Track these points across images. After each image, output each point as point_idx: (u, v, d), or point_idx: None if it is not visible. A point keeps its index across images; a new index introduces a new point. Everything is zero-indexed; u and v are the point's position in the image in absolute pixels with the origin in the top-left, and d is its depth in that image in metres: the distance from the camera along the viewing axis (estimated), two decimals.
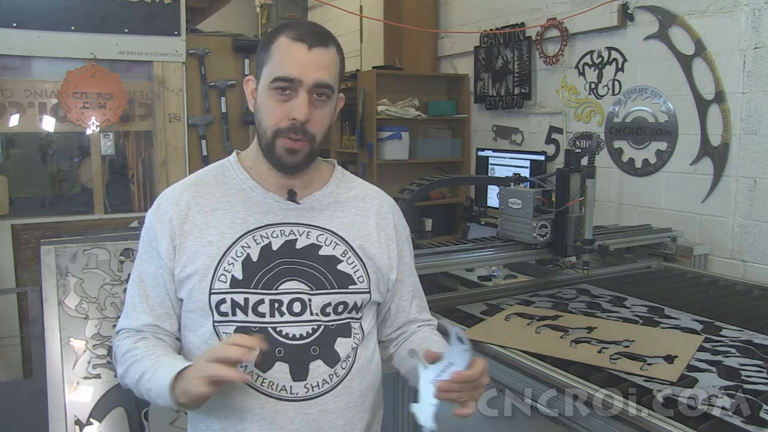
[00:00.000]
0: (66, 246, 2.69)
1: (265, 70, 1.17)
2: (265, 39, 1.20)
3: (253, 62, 3.19)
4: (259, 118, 1.19)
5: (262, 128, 1.18)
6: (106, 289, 2.68)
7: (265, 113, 1.17)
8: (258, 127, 1.21)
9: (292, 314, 1.18)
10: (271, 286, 1.18)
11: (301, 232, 1.22)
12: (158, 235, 1.21)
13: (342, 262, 1.23)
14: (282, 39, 1.16)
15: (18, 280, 2.75)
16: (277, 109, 1.15)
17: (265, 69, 1.17)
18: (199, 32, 3.43)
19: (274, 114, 1.16)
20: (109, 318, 2.64)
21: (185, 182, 1.28)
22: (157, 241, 1.21)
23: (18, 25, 2.75)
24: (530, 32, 3.78)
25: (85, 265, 2.68)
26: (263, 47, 1.19)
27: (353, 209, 1.29)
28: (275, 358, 1.16)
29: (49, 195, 3.26)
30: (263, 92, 1.17)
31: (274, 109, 1.16)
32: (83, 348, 2.57)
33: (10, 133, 2.98)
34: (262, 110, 1.18)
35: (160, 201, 1.25)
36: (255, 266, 1.18)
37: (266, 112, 1.17)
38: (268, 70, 1.16)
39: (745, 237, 2.70)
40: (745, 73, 2.67)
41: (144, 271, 1.23)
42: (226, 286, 1.17)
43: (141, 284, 1.23)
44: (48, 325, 2.57)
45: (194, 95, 3.10)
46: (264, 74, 1.17)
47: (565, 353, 1.57)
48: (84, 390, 2.52)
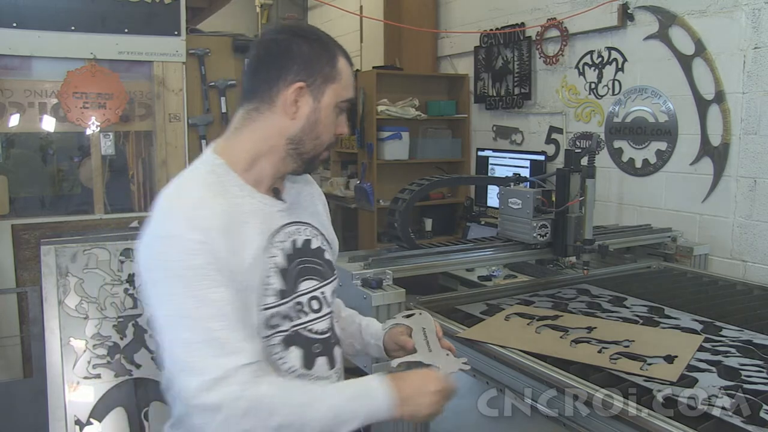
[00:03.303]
0: (66, 246, 2.69)
1: (331, 88, 1.19)
2: (324, 52, 1.19)
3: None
4: (317, 131, 1.20)
5: (319, 140, 1.21)
6: (106, 289, 2.68)
7: (326, 128, 1.21)
8: (308, 137, 1.19)
9: (313, 312, 1.24)
10: (294, 288, 1.20)
11: (297, 230, 1.25)
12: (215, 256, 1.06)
13: (325, 251, 1.31)
14: (343, 60, 1.21)
15: (18, 280, 2.75)
16: (333, 126, 1.22)
17: (331, 86, 1.19)
18: (199, 32, 3.44)
19: (332, 130, 1.22)
20: (109, 318, 2.64)
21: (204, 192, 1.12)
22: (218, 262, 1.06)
23: (18, 25, 2.75)
24: (530, 32, 3.78)
25: (85, 265, 2.68)
26: (327, 60, 1.18)
27: (308, 197, 1.34)
28: (315, 355, 1.23)
29: (49, 195, 3.26)
30: (329, 108, 1.19)
31: (333, 125, 1.22)
32: (83, 348, 2.57)
33: (10, 133, 2.98)
34: (323, 125, 1.20)
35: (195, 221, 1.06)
36: (287, 273, 1.19)
37: (328, 127, 1.21)
38: (338, 89, 1.19)
39: (745, 237, 2.70)
40: (745, 73, 2.67)
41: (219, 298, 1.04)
42: (273, 300, 1.16)
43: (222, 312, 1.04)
44: (48, 325, 2.57)
45: (194, 95, 3.10)
46: (331, 92, 1.19)
47: (565, 353, 1.57)
48: (84, 390, 2.52)
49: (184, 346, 1.02)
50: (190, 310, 1.02)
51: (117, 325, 2.65)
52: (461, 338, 1.71)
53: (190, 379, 1.00)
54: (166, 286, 1.04)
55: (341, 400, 1.07)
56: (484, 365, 1.68)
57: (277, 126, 1.18)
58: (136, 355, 2.64)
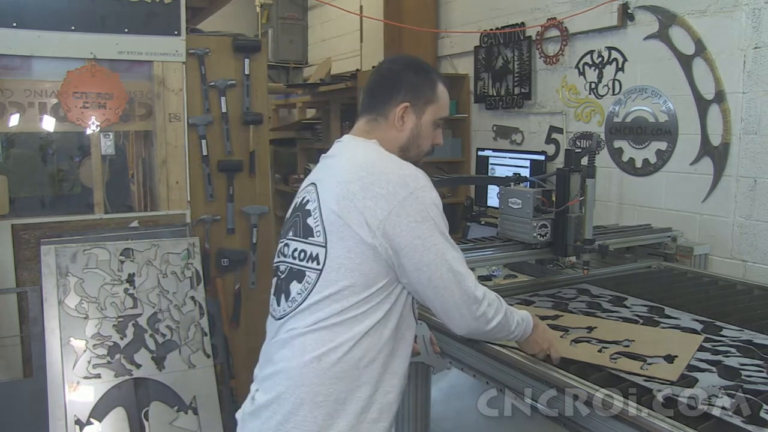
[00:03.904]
0: (66, 246, 2.69)
1: (432, 108, 1.52)
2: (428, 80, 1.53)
3: (255, 62, 3.18)
4: (419, 142, 1.53)
5: (420, 150, 1.54)
6: (106, 289, 2.68)
7: (426, 140, 1.54)
8: (412, 147, 1.52)
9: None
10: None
11: None
12: None
13: None
14: (441, 86, 1.54)
15: (18, 280, 2.75)
16: (432, 137, 1.55)
17: (432, 106, 1.52)
18: (199, 32, 3.43)
19: (430, 140, 1.55)
20: (109, 318, 2.64)
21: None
22: None
23: (18, 25, 2.75)
24: (530, 32, 3.78)
25: (85, 265, 2.68)
26: (429, 86, 1.52)
27: None
28: None
29: (49, 195, 3.26)
30: (429, 125, 1.53)
31: (430, 137, 1.55)
32: (83, 348, 2.57)
33: (10, 133, 2.98)
34: (423, 137, 1.53)
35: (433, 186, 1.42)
36: None
37: (427, 140, 1.55)
38: (437, 108, 1.53)
39: (745, 237, 2.70)
40: (745, 73, 2.67)
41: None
42: None
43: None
44: (48, 325, 2.57)
45: (194, 95, 3.10)
46: (431, 110, 1.52)
47: (565, 352, 1.57)
48: (84, 390, 2.52)
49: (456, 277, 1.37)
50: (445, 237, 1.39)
51: (117, 325, 2.65)
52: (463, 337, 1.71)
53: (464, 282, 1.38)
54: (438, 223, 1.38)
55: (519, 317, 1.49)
56: (484, 365, 1.69)
57: (391, 135, 1.51)
58: (136, 355, 2.64)
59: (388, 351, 1.38)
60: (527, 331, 1.50)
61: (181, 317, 2.76)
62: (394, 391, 1.40)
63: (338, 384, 1.33)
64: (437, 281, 1.35)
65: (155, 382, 2.64)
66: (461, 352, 1.78)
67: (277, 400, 1.35)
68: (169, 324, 2.73)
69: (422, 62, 1.60)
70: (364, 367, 1.34)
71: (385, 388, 1.38)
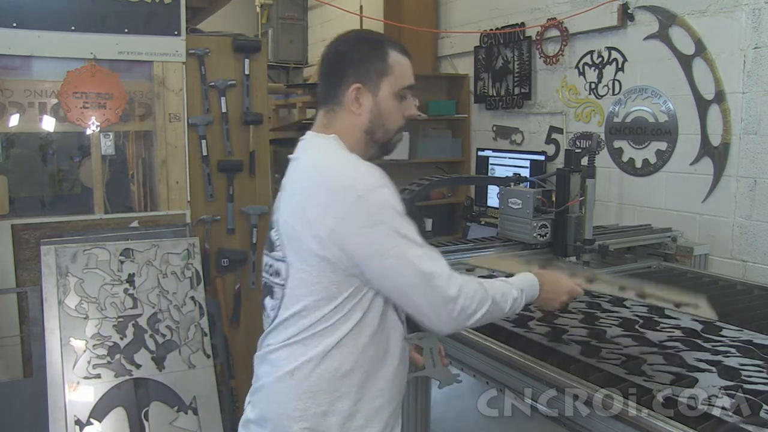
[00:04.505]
0: (66, 246, 2.69)
1: (387, 80, 1.39)
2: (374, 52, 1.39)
3: (255, 62, 3.17)
4: (383, 120, 1.40)
5: (387, 128, 1.41)
6: (106, 289, 2.68)
7: (390, 115, 1.41)
8: (377, 127, 1.40)
9: None
10: None
11: None
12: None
13: None
14: (395, 54, 1.40)
15: (18, 280, 2.75)
16: (398, 111, 1.42)
17: (387, 78, 1.39)
18: (199, 32, 3.43)
19: (397, 115, 1.42)
20: (109, 318, 2.64)
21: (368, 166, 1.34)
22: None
23: (18, 25, 2.75)
24: (530, 32, 3.78)
25: (85, 265, 2.68)
26: (378, 58, 1.38)
27: None
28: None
29: (49, 195, 3.26)
30: (389, 98, 1.40)
31: (396, 111, 1.42)
32: (83, 348, 2.57)
33: (10, 133, 2.98)
34: (387, 114, 1.41)
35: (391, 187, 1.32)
36: None
37: (391, 114, 1.41)
38: (394, 79, 1.39)
39: (745, 237, 2.70)
40: (745, 73, 2.67)
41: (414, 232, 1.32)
42: None
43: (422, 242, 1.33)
44: (48, 325, 2.57)
45: (194, 95, 3.10)
46: (387, 83, 1.39)
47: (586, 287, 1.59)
48: (84, 390, 2.52)
49: (415, 261, 1.26)
50: (408, 234, 1.29)
51: (117, 325, 2.65)
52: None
53: (432, 282, 1.27)
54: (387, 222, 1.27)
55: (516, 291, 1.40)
56: (484, 365, 1.69)
57: (351, 122, 1.40)
58: (136, 355, 2.64)
59: (370, 357, 1.32)
60: (533, 296, 1.44)
61: (181, 317, 2.76)
62: (382, 396, 1.34)
63: (316, 398, 1.29)
64: (403, 286, 1.27)
65: (155, 382, 2.64)
66: (461, 352, 1.78)
67: (261, 419, 1.36)
68: (169, 324, 2.73)
69: (370, 34, 1.49)
70: (341, 378, 1.29)
71: (370, 394, 1.33)
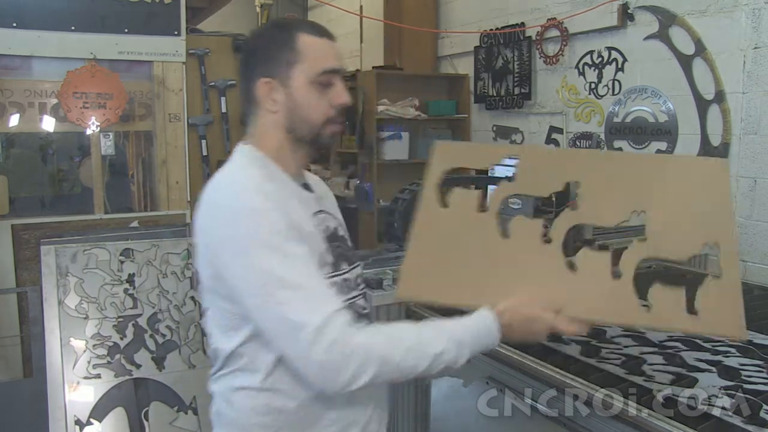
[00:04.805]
0: (66, 246, 2.69)
1: (298, 69, 1.21)
2: (279, 40, 1.22)
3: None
4: (301, 114, 1.22)
5: (308, 122, 1.22)
6: (106, 289, 2.68)
7: (309, 107, 1.22)
8: (297, 123, 1.23)
9: (356, 288, 1.29)
10: (338, 267, 1.25)
11: (326, 218, 1.30)
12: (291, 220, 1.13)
13: (347, 240, 1.35)
14: (305, 37, 1.22)
15: (18, 280, 2.75)
16: (322, 101, 1.22)
17: (298, 66, 1.20)
18: (199, 32, 3.44)
19: (320, 106, 1.22)
20: (109, 318, 2.64)
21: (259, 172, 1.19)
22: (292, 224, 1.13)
23: (18, 25, 2.75)
24: (530, 32, 3.78)
25: (85, 265, 2.68)
26: (283, 47, 1.21)
27: (328, 194, 1.42)
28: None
29: (49, 195, 3.26)
30: (304, 88, 1.21)
31: (318, 101, 1.22)
32: (83, 348, 2.57)
33: (10, 133, 2.98)
34: (304, 106, 1.22)
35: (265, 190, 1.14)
36: (333, 250, 1.25)
37: (311, 106, 1.22)
38: (307, 66, 1.21)
39: (745, 237, 2.69)
40: (745, 73, 2.67)
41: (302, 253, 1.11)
42: (329, 270, 1.22)
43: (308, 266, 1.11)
44: (48, 325, 2.57)
45: (194, 95, 3.10)
46: (299, 71, 1.21)
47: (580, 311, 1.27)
48: (84, 390, 2.52)
49: (278, 306, 1.06)
50: (281, 271, 1.07)
51: (117, 325, 2.65)
52: None
53: (296, 336, 1.04)
54: (252, 254, 1.08)
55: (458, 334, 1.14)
56: (485, 365, 1.68)
57: (269, 121, 1.24)
58: (136, 355, 2.64)
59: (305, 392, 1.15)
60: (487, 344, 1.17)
61: (181, 317, 2.76)
62: (334, 425, 1.18)
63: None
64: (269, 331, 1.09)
65: (155, 382, 2.64)
66: None
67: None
68: (169, 324, 2.73)
69: (278, 21, 1.36)
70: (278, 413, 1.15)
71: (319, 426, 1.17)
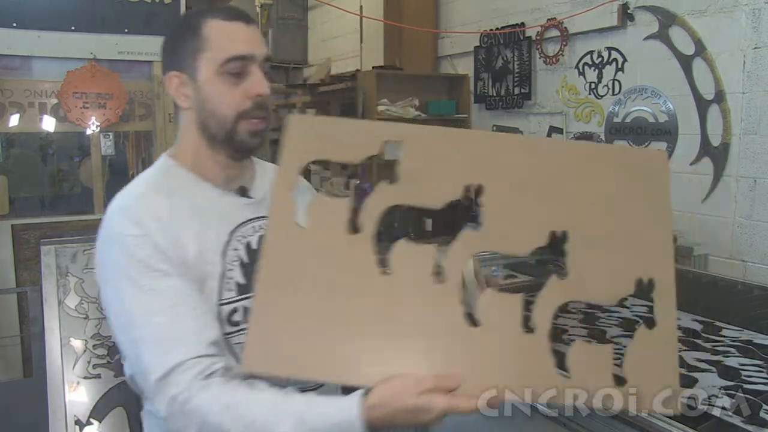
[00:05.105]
0: (66, 246, 2.69)
1: (204, 58, 1.10)
2: (186, 28, 1.12)
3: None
4: (211, 108, 1.11)
5: (218, 117, 1.11)
6: None
7: (219, 100, 1.10)
8: (207, 119, 1.12)
9: None
10: (248, 290, 1.12)
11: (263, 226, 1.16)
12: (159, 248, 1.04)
13: None
14: (213, 22, 1.10)
15: (18, 280, 2.75)
16: (234, 92, 1.10)
17: (204, 56, 1.10)
18: None
19: (232, 98, 1.10)
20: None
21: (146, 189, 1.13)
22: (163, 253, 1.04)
23: (18, 25, 2.75)
24: (530, 32, 3.78)
25: (85, 265, 2.68)
26: (189, 35, 1.11)
27: None
28: None
29: (49, 195, 3.26)
30: (211, 80, 1.10)
31: (229, 93, 1.10)
32: (83, 348, 2.57)
33: (10, 133, 2.98)
34: (213, 99, 1.11)
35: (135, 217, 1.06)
36: (249, 268, 1.12)
37: (221, 99, 1.10)
38: (211, 55, 1.09)
39: (745, 237, 2.70)
40: (745, 73, 2.67)
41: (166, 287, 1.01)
42: (234, 294, 1.11)
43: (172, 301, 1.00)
44: (48, 325, 2.57)
45: None
46: (204, 60, 1.10)
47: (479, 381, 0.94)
48: (84, 390, 2.52)
49: (134, 346, 0.99)
50: (137, 307, 1.00)
51: None
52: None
53: (142, 382, 1.00)
54: (116, 286, 1.03)
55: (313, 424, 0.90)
56: None
57: (185, 119, 1.16)
58: None
59: None
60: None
61: None
62: None
63: None
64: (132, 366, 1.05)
65: None
66: None
67: None
68: None
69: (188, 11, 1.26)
70: None
71: None
